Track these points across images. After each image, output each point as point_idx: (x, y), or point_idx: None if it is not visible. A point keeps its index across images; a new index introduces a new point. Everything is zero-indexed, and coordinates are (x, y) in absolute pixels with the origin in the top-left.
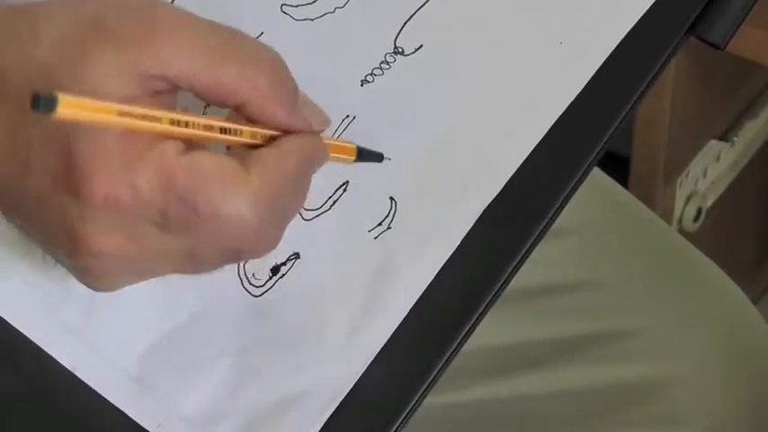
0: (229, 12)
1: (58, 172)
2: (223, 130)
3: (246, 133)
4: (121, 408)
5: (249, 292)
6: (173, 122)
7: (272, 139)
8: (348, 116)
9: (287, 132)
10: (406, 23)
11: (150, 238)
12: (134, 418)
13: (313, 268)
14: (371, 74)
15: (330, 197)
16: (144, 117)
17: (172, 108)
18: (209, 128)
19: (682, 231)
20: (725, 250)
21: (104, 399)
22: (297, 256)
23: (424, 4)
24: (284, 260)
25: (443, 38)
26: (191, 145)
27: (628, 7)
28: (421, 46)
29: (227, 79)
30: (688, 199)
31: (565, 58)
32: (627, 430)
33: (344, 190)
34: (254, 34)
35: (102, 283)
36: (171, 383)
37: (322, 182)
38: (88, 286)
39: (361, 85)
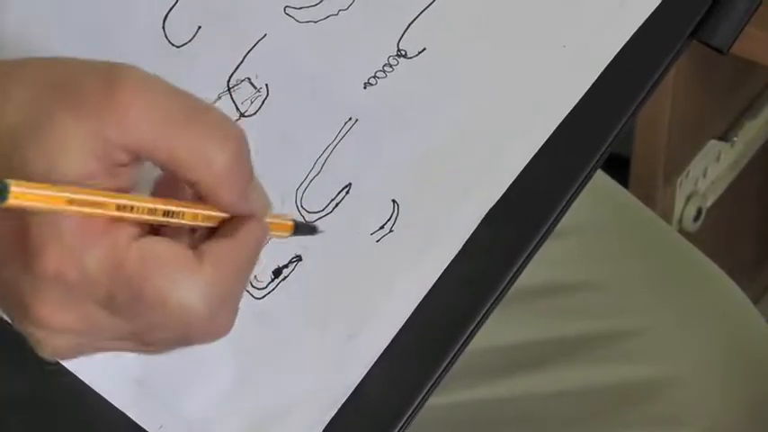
0: (232, 14)
1: (12, 241)
2: (166, 213)
3: (188, 215)
4: (123, 410)
5: (251, 294)
6: (118, 208)
7: (213, 219)
8: (351, 119)
9: (229, 214)
10: (409, 26)
11: (98, 317)
12: (135, 420)
13: (315, 271)
14: (374, 76)
15: (332, 200)
16: (92, 204)
17: (133, 183)
18: (152, 211)
19: (682, 231)
20: (725, 250)
21: (106, 400)
22: (299, 258)
23: (428, 6)
24: (286, 263)
25: (446, 41)
26: (151, 228)
27: (631, 11)
28: (424, 49)
29: (183, 155)
30: (688, 199)
31: (568, 61)
32: (627, 430)
33: (347, 193)
34: (257, 36)
35: (51, 354)
36: (172, 386)
37: (325, 185)
38: (41, 354)
39: (364, 88)
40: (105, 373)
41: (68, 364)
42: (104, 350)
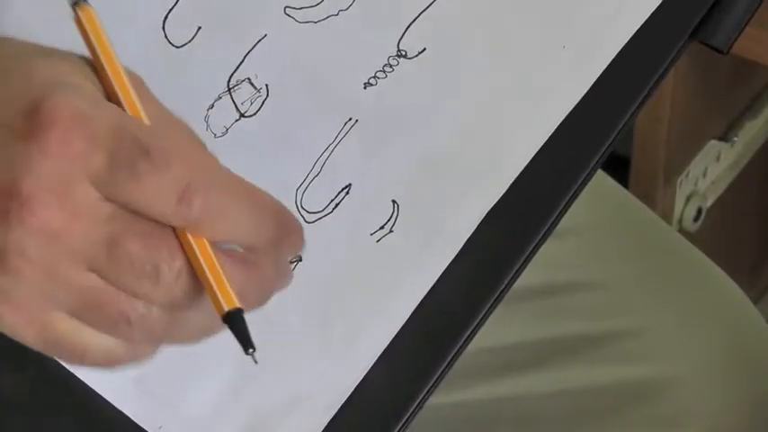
0: (232, 14)
1: (17, 124)
2: None
3: None
4: (122, 409)
5: None
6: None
7: None
8: (351, 119)
9: None
10: (409, 27)
11: (85, 203)
12: (135, 420)
13: (315, 271)
14: (375, 77)
15: (332, 200)
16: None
17: None
18: None
19: (682, 231)
20: (725, 250)
21: (105, 400)
22: (299, 258)
23: (428, 7)
24: None
25: (447, 41)
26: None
27: (631, 12)
28: (424, 49)
29: None
30: (688, 199)
31: (568, 62)
32: (627, 430)
33: (347, 193)
34: (256, 36)
35: (11, 281)
36: (172, 385)
37: (325, 185)
38: None
39: (365, 88)
40: (105, 373)
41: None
42: (52, 328)
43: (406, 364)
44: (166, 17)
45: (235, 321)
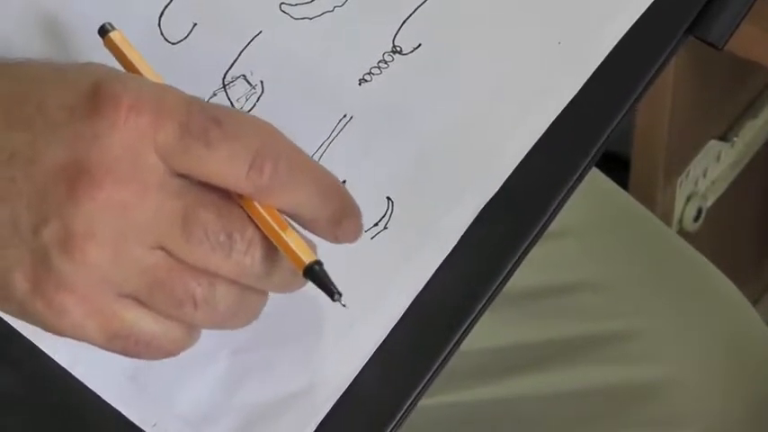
0: (228, 11)
1: (78, 104)
2: None
3: None
4: (117, 407)
5: None
6: None
7: None
8: (345, 116)
9: None
10: (404, 22)
11: (154, 177)
12: (130, 418)
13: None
14: (370, 73)
15: None
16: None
17: None
18: None
19: (682, 231)
20: (725, 250)
21: (100, 398)
22: None
23: (423, 3)
24: None
25: (442, 37)
26: None
27: (626, 7)
28: (419, 45)
29: None
30: (688, 199)
31: (563, 57)
32: (627, 431)
33: None
34: (252, 33)
35: (74, 263)
36: (167, 383)
37: None
38: (50, 278)
39: (359, 85)
40: (100, 370)
41: (63, 361)
42: (117, 317)
43: (399, 362)
44: (162, 13)
45: (316, 274)
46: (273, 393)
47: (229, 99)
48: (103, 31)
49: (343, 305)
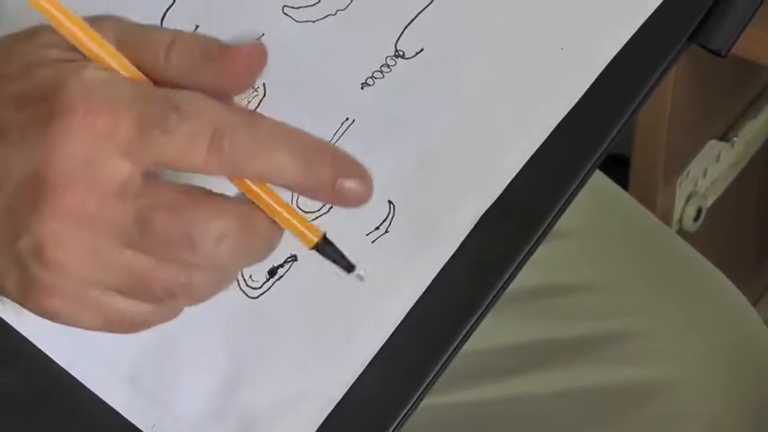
0: (230, 13)
1: (33, 106)
2: None
3: None
4: (116, 407)
5: (246, 294)
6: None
7: None
8: (348, 119)
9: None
10: (407, 27)
11: (116, 179)
12: (128, 418)
13: (310, 271)
14: (372, 77)
15: None
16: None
17: None
18: None
19: (682, 231)
20: (725, 250)
21: (99, 398)
22: (294, 258)
23: (426, 7)
24: (281, 262)
25: (444, 42)
26: None
27: (629, 14)
28: (422, 50)
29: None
30: (688, 199)
31: (566, 63)
32: (627, 431)
33: None
34: (254, 36)
35: (50, 275)
36: (165, 384)
37: None
38: (33, 288)
39: (362, 89)
40: (98, 370)
41: (62, 361)
42: (95, 298)
43: (400, 365)
44: (164, 15)
45: (324, 249)
46: (272, 396)
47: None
48: None
49: (361, 277)
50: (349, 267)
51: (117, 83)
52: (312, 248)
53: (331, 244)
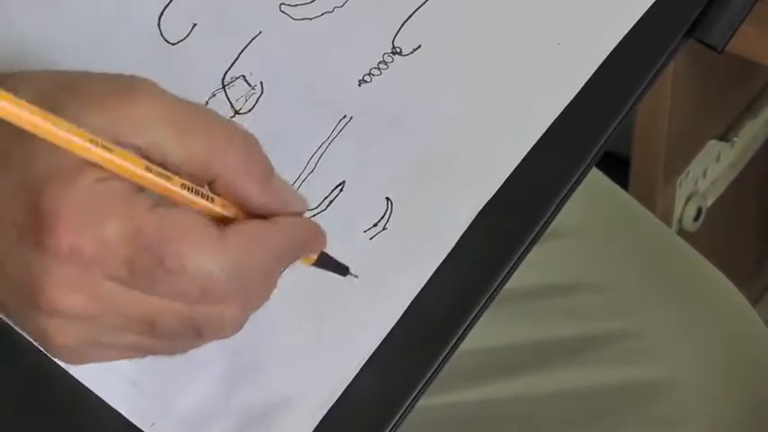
0: (227, 11)
1: (23, 223)
2: (195, 191)
3: (217, 201)
4: (115, 407)
5: None
6: (152, 172)
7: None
8: (345, 116)
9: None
10: (404, 23)
11: (112, 295)
12: (128, 417)
13: (308, 269)
14: (369, 74)
15: (326, 197)
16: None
17: None
18: (184, 186)
19: (682, 231)
20: (725, 250)
21: (98, 397)
22: None
23: (423, 4)
24: None
25: (442, 38)
26: (162, 201)
27: (626, 9)
28: (419, 46)
29: (198, 151)
30: (688, 199)
31: (563, 59)
32: (626, 431)
33: (341, 190)
34: (252, 33)
35: (59, 346)
36: (165, 383)
37: (319, 182)
38: (49, 352)
39: (359, 85)
40: (98, 370)
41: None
42: (115, 346)
43: (397, 364)
44: (162, 14)
45: (323, 263)
46: (271, 395)
47: (229, 100)
48: None
49: (355, 276)
50: (343, 271)
51: (108, 213)
52: (313, 264)
53: (327, 256)
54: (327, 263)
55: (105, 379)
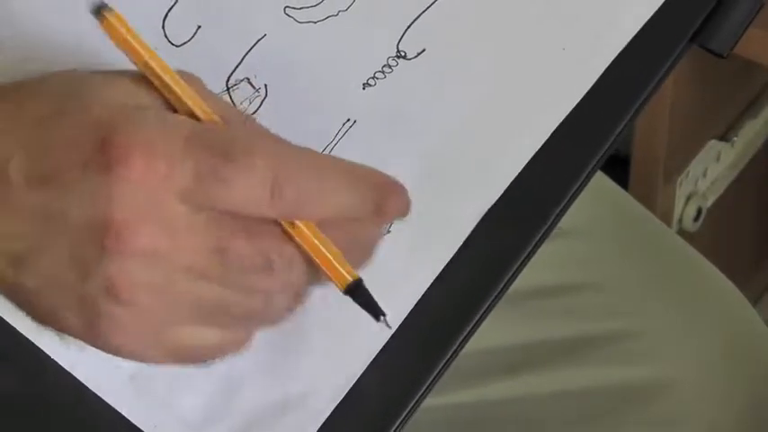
0: (232, 14)
1: (89, 157)
2: None
3: None
4: (118, 408)
5: None
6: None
7: None
8: (349, 120)
9: None
10: (409, 27)
11: (181, 223)
12: (130, 419)
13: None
14: (373, 77)
15: None
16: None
17: None
18: None
19: (682, 231)
20: (725, 250)
21: (101, 399)
22: None
23: (428, 8)
24: None
25: (446, 42)
26: None
27: (631, 15)
28: (423, 50)
29: None
30: (688, 199)
31: (567, 64)
32: (627, 431)
33: None
34: (256, 36)
35: (130, 316)
36: (168, 384)
37: None
38: (105, 346)
39: (363, 89)
40: (100, 370)
41: (63, 361)
42: (177, 343)
43: (401, 365)
44: (166, 16)
45: (357, 292)
46: (275, 396)
47: (233, 102)
48: (98, 11)
49: (389, 327)
50: (378, 314)
51: (170, 129)
52: (345, 291)
53: (364, 289)
54: (360, 299)
55: (108, 380)
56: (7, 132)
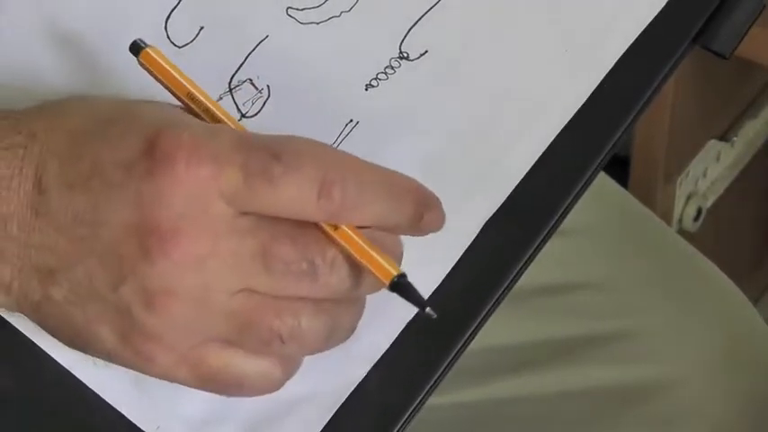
0: (234, 15)
1: (134, 160)
2: None
3: None
4: (120, 409)
5: None
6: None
7: None
8: (351, 121)
9: None
10: (411, 29)
11: (223, 224)
12: (132, 420)
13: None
14: (376, 78)
15: None
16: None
17: None
18: None
19: (682, 231)
20: (725, 250)
21: (103, 400)
22: None
23: (430, 9)
24: None
25: (449, 44)
26: None
27: (633, 16)
28: (426, 51)
29: None
30: (688, 199)
31: (570, 66)
32: (628, 430)
33: None
34: (259, 37)
35: (168, 330)
36: (170, 386)
37: None
38: (136, 359)
39: (366, 90)
40: (103, 372)
41: (64, 361)
42: (206, 362)
43: (406, 365)
44: (168, 17)
45: (402, 286)
46: (277, 397)
47: (235, 103)
48: (136, 49)
49: (433, 316)
50: (423, 305)
51: (218, 133)
52: (390, 285)
53: (408, 282)
54: (404, 293)
55: (109, 381)
56: (41, 143)
